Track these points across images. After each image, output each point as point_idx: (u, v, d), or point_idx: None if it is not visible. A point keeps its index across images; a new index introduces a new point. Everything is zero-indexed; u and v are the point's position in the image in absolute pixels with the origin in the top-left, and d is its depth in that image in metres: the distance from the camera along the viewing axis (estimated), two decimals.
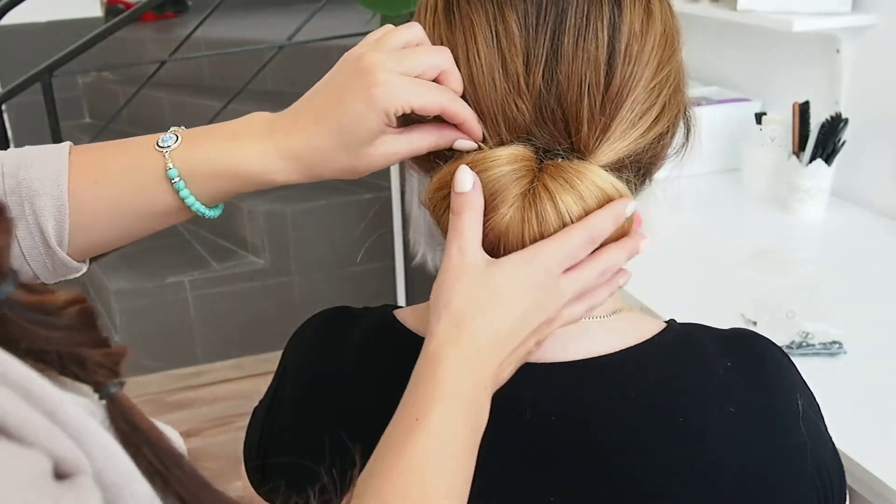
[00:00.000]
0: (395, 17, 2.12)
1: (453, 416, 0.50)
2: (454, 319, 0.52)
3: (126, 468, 0.33)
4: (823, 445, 0.60)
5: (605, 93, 0.55)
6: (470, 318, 0.52)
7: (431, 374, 0.51)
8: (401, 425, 0.50)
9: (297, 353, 0.68)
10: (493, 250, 0.55)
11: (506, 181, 0.54)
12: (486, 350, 0.52)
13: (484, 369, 0.52)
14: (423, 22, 0.59)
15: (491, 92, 0.55)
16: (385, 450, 0.50)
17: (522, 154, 0.55)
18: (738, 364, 0.60)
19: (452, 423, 0.49)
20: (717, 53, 2.02)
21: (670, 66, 0.58)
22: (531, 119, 0.55)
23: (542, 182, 0.54)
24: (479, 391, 0.51)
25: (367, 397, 0.61)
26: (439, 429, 0.49)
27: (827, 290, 1.37)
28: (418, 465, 0.48)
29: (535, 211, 0.53)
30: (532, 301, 0.53)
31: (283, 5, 3.85)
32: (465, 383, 0.51)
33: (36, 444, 0.30)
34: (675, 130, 0.60)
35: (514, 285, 0.52)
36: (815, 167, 1.64)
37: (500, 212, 0.53)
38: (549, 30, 0.54)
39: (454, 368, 0.50)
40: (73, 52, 2.33)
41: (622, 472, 0.56)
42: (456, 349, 0.51)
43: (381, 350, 0.63)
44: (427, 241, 0.69)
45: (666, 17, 0.58)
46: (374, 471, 0.49)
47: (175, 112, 3.47)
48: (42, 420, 0.30)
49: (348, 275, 2.88)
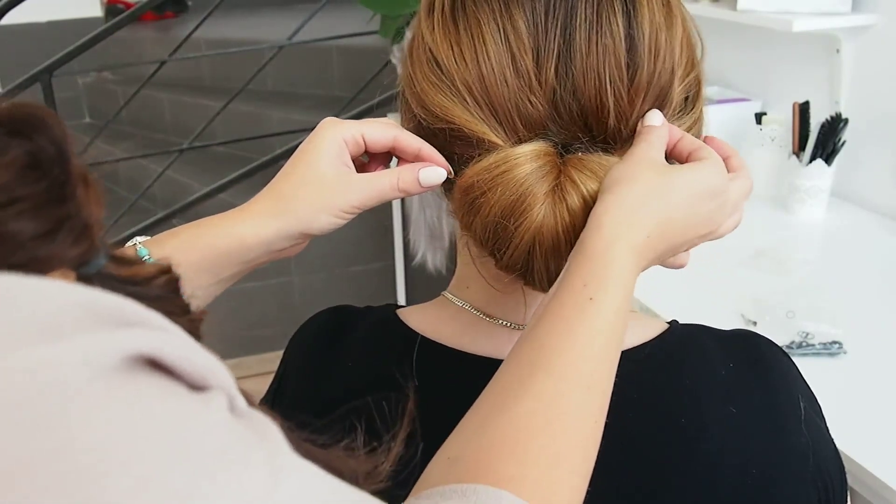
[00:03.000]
0: (396, 17, 2.12)
1: (622, 300, 0.50)
2: (632, 199, 0.52)
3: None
4: (825, 446, 0.60)
5: (630, 86, 0.55)
6: (647, 202, 0.52)
7: (604, 252, 0.50)
8: (569, 303, 0.49)
9: (298, 351, 0.68)
10: (530, 252, 0.54)
11: (532, 180, 0.54)
12: (653, 238, 0.52)
13: (645, 256, 0.52)
14: (429, 23, 0.59)
15: (503, 90, 0.55)
16: (554, 324, 0.49)
17: (544, 150, 0.55)
18: (740, 365, 0.60)
19: (618, 307, 0.49)
20: (717, 53, 2.02)
21: (696, 67, 0.59)
22: (546, 114, 0.55)
23: (568, 177, 0.54)
24: (636, 276, 0.52)
25: (370, 396, 0.61)
26: (608, 311, 0.49)
27: (827, 290, 1.37)
28: (591, 346, 0.47)
29: (565, 205, 0.54)
30: (706, 206, 0.55)
31: (283, 5, 3.86)
32: (633, 267, 0.51)
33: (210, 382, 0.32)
34: (694, 129, 0.61)
35: (693, 184, 0.54)
36: (815, 167, 1.64)
37: (533, 211, 0.54)
38: (559, 25, 0.54)
39: (626, 251, 0.50)
40: (73, 52, 2.33)
41: (623, 471, 0.56)
42: (630, 232, 0.51)
43: (385, 349, 0.63)
44: (427, 241, 0.69)
45: (685, 17, 0.59)
46: (542, 346, 0.48)
47: (175, 112, 3.47)
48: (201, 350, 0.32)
49: (348, 275, 2.88)
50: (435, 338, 0.62)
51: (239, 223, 0.60)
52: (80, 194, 0.33)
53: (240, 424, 0.32)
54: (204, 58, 3.38)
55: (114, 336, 0.29)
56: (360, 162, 0.65)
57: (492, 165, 0.54)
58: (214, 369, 0.32)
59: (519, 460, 0.43)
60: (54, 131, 0.33)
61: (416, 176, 0.60)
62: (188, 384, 0.31)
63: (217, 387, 0.32)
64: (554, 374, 0.46)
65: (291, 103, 3.21)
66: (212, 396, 0.31)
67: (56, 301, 0.29)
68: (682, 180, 0.54)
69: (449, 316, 0.63)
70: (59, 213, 0.32)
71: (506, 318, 0.62)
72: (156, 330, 0.31)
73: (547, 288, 0.57)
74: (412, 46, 0.61)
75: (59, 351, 0.27)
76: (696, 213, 0.54)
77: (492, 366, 0.60)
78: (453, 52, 0.56)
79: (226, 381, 0.33)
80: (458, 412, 0.49)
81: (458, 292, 0.64)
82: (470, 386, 0.51)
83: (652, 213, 0.52)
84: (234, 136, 2.93)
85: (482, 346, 0.61)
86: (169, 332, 0.31)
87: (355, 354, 0.64)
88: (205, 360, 0.32)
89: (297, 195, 0.60)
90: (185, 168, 3.04)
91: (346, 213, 0.61)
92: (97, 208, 0.33)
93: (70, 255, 0.32)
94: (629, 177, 0.53)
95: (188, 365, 0.31)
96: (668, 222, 0.53)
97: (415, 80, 0.58)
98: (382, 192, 0.61)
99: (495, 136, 0.55)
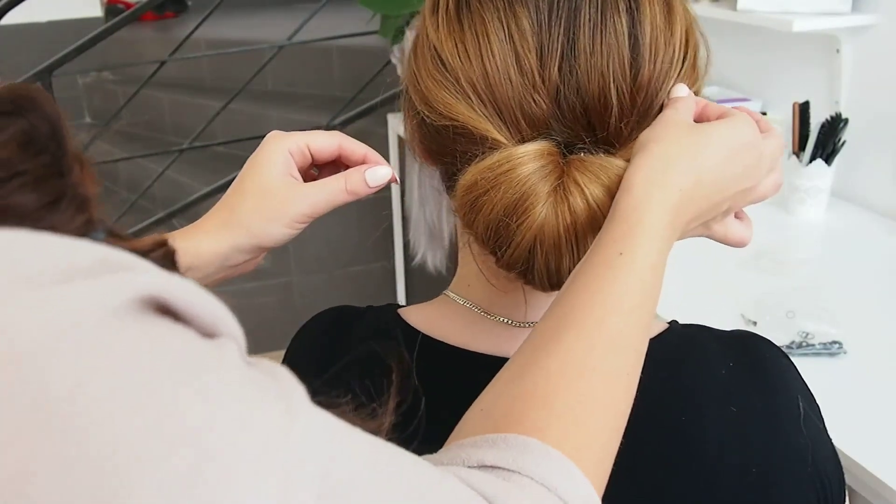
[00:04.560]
0: (396, 17, 2.12)
1: (655, 257, 0.49)
2: (662, 158, 0.51)
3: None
4: (824, 447, 0.60)
5: (632, 84, 0.55)
6: (677, 158, 0.52)
7: (634, 210, 0.50)
8: (600, 262, 0.49)
9: (300, 350, 0.68)
10: (531, 250, 0.55)
11: (534, 180, 0.54)
12: (688, 194, 0.52)
13: (682, 215, 0.52)
14: (433, 21, 0.59)
15: (507, 89, 0.55)
16: (585, 282, 0.48)
17: (547, 149, 0.55)
18: (740, 365, 0.60)
19: (653, 263, 0.49)
20: (717, 53, 2.01)
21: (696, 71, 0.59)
22: (549, 113, 0.55)
23: (570, 177, 0.54)
24: (674, 235, 0.51)
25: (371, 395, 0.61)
26: (641, 267, 0.48)
27: (827, 290, 1.37)
28: (621, 302, 0.47)
29: (567, 204, 0.54)
30: (741, 159, 0.54)
31: (283, 5, 3.85)
32: (667, 225, 0.50)
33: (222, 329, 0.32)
34: None
35: (725, 138, 0.54)
36: (815, 167, 1.64)
37: (535, 210, 0.54)
38: (562, 24, 0.55)
39: (658, 208, 0.50)
40: (73, 52, 2.33)
41: (622, 471, 0.56)
42: (662, 191, 0.51)
43: (386, 348, 0.63)
44: (427, 241, 0.69)
45: (688, 20, 0.59)
46: (573, 305, 0.48)
47: (175, 112, 3.47)
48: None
49: (348, 275, 2.88)
50: (436, 335, 0.62)
51: (194, 239, 0.61)
52: (76, 170, 0.34)
53: (253, 370, 0.32)
54: (204, 58, 3.38)
55: (123, 277, 0.29)
56: (312, 175, 0.67)
57: (495, 164, 0.54)
58: (225, 318, 0.32)
59: (548, 412, 0.43)
60: (47, 109, 0.34)
61: (363, 177, 0.62)
62: (199, 331, 0.31)
63: (228, 335, 0.32)
64: (584, 330, 0.46)
65: (291, 103, 3.21)
66: (223, 342, 0.32)
67: (68, 250, 0.30)
68: (715, 135, 0.54)
69: (450, 314, 0.64)
70: (59, 185, 0.33)
71: (507, 315, 0.62)
72: (161, 275, 0.31)
73: (547, 287, 0.57)
74: (416, 44, 0.61)
75: (71, 291, 0.28)
76: (732, 167, 0.54)
77: (493, 363, 0.60)
78: (458, 49, 0.56)
79: (236, 331, 0.33)
80: (459, 409, 0.49)
81: (460, 290, 0.64)
82: (471, 383, 0.51)
83: (684, 169, 0.52)
84: (234, 136, 2.93)
85: (484, 344, 0.62)
86: (175, 280, 0.31)
87: (357, 354, 0.64)
88: (215, 307, 0.32)
89: (246, 208, 0.62)
90: (185, 168, 3.04)
91: (298, 223, 0.62)
92: (91, 185, 0.34)
93: (71, 226, 0.33)
94: (658, 137, 0.53)
95: (199, 310, 0.31)
96: (703, 177, 0.52)
97: (419, 77, 0.59)
98: (332, 196, 0.62)
99: (499, 134, 0.55)
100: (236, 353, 0.32)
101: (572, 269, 0.55)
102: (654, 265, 0.49)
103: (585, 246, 0.54)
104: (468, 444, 0.43)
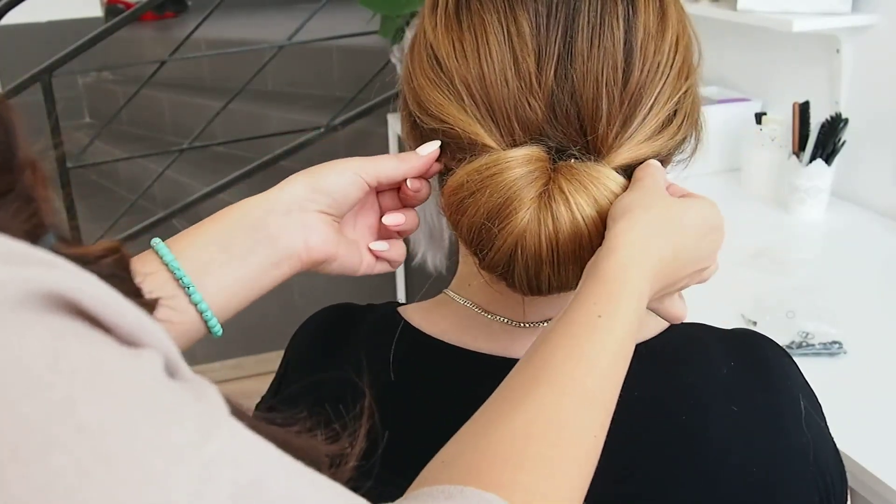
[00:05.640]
0: (395, 17, 2.12)
1: (632, 322, 0.50)
2: (647, 225, 0.52)
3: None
4: (826, 446, 0.60)
5: (623, 90, 0.55)
6: (661, 228, 0.53)
7: (617, 273, 0.50)
8: (578, 321, 0.49)
9: (300, 348, 0.68)
10: (511, 254, 0.55)
11: (520, 185, 0.54)
12: (667, 263, 0.53)
13: (657, 283, 0.53)
14: (432, 21, 0.59)
15: (503, 91, 0.55)
16: (561, 341, 0.48)
17: (537, 155, 0.55)
18: (742, 364, 0.60)
19: (628, 329, 0.49)
20: (717, 53, 2.02)
21: (691, 77, 0.59)
22: (544, 118, 0.55)
23: (557, 184, 0.54)
24: (645, 302, 0.52)
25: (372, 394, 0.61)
26: (617, 331, 0.49)
27: (827, 290, 1.37)
28: (597, 363, 0.47)
29: (550, 212, 0.54)
30: (710, 241, 0.57)
31: (283, 5, 3.86)
32: (644, 291, 0.51)
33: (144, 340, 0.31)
34: (690, 139, 0.61)
35: (702, 217, 0.56)
36: (815, 167, 1.64)
37: (518, 215, 0.54)
38: (560, 28, 0.55)
39: (639, 273, 0.51)
40: (73, 52, 2.33)
41: (623, 470, 0.56)
42: (645, 257, 0.51)
43: (387, 347, 0.63)
44: (427, 241, 0.69)
45: (681, 25, 0.59)
46: (547, 361, 0.47)
47: (175, 112, 3.47)
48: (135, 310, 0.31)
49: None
50: (435, 334, 0.62)
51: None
52: (27, 173, 0.33)
53: (175, 384, 0.30)
54: (204, 58, 3.39)
55: (31, 271, 0.28)
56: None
57: (483, 167, 0.54)
58: (151, 329, 0.31)
59: (513, 467, 0.42)
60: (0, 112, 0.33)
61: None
62: (119, 339, 0.30)
63: (152, 347, 0.30)
64: (556, 387, 0.46)
65: (291, 103, 3.21)
66: (143, 352, 0.30)
67: None
68: (693, 212, 0.56)
69: (450, 313, 0.64)
70: (4, 181, 0.32)
71: (506, 315, 0.62)
72: (75, 275, 0.29)
73: (527, 292, 0.57)
74: (413, 43, 0.61)
75: None
76: (704, 246, 0.56)
77: (492, 362, 0.60)
78: (455, 49, 0.56)
79: (165, 344, 0.31)
80: (457, 408, 0.49)
81: (460, 290, 0.64)
82: (470, 382, 0.51)
83: (667, 240, 0.53)
84: (234, 136, 2.93)
85: (482, 343, 0.62)
86: (92, 281, 0.30)
87: (358, 352, 0.64)
88: (138, 317, 0.30)
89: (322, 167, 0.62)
90: (185, 168, 3.04)
91: (364, 177, 0.61)
92: (43, 190, 0.33)
93: (13, 223, 0.31)
94: (644, 204, 0.53)
95: (118, 318, 0.30)
96: (680, 251, 0.54)
97: (413, 76, 0.59)
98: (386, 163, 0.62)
99: (489, 138, 0.55)
100: (159, 364, 0.30)
101: (552, 277, 0.55)
102: (631, 329, 0.49)
103: (565, 256, 0.55)
104: (424, 493, 0.41)
